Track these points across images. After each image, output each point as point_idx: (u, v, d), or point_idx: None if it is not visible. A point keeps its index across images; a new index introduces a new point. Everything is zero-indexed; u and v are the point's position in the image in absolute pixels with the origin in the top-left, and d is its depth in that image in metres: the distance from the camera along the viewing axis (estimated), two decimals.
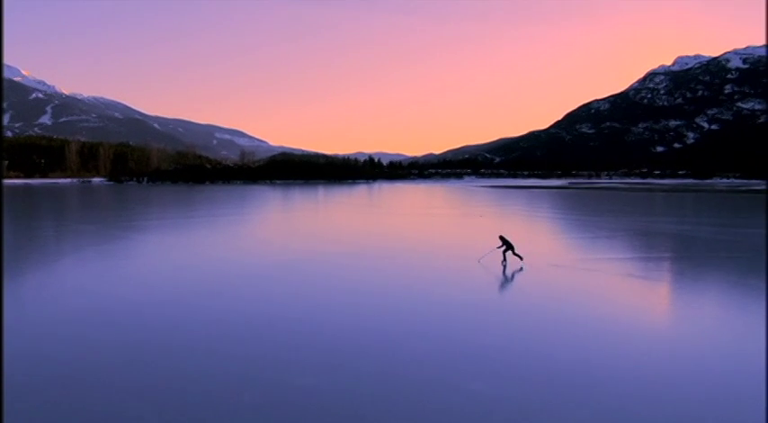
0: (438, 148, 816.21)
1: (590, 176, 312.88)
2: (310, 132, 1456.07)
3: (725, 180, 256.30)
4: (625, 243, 29.06)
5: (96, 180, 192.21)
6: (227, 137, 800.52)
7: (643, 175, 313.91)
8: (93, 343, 11.41)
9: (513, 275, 19.27)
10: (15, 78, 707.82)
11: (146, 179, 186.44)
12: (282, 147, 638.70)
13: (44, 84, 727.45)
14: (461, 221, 45.68)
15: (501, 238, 21.32)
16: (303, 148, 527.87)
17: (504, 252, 21.09)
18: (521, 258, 21.00)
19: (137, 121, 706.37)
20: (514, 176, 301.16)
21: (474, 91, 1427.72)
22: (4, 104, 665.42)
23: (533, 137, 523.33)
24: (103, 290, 16.84)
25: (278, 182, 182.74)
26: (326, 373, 9.67)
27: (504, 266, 20.47)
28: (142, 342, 11.45)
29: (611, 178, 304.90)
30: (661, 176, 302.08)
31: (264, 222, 46.19)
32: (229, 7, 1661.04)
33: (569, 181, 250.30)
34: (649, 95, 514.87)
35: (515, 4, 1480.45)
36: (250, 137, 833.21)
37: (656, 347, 11.36)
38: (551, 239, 32.60)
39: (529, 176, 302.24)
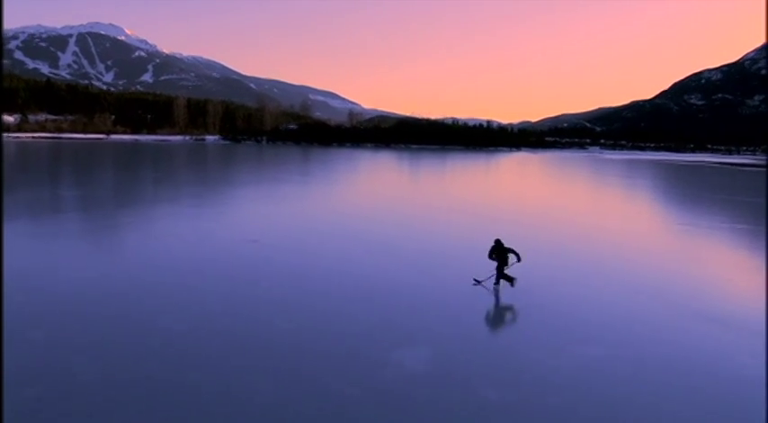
0: (532, 116, 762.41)
1: (730, 152, 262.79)
2: (401, 95, 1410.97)
3: None
4: None
5: (210, 138, 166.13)
6: (321, 98, 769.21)
7: None
8: None
9: None
10: (120, 37, 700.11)
11: (264, 139, 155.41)
12: (376, 109, 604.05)
13: (146, 43, 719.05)
14: None
15: (497, 242, 13.56)
16: (396, 112, 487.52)
17: (498, 269, 13.47)
18: (510, 281, 13.49)
19: (233, 81, 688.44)
20: (640, 149, 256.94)
21: (570, 57, 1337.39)
22: (109, 62, 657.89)
23: (637, 107, 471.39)
24: None
25: (413, 146, 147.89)
26: None
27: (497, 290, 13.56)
28: None
29: (754, 154, 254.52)
30: None
31: None
32: None
33: (745, 158, 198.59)
34: None
35: None
36: (343, 99, 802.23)
37: None
38: None
39: (656, 149, 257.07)
